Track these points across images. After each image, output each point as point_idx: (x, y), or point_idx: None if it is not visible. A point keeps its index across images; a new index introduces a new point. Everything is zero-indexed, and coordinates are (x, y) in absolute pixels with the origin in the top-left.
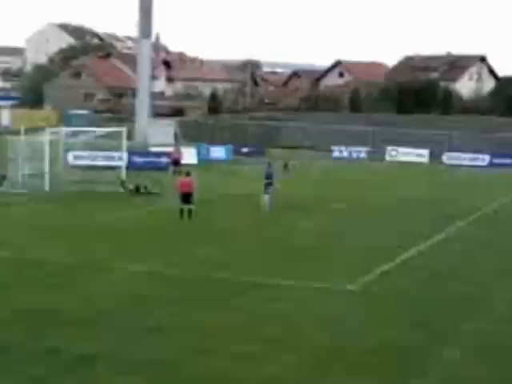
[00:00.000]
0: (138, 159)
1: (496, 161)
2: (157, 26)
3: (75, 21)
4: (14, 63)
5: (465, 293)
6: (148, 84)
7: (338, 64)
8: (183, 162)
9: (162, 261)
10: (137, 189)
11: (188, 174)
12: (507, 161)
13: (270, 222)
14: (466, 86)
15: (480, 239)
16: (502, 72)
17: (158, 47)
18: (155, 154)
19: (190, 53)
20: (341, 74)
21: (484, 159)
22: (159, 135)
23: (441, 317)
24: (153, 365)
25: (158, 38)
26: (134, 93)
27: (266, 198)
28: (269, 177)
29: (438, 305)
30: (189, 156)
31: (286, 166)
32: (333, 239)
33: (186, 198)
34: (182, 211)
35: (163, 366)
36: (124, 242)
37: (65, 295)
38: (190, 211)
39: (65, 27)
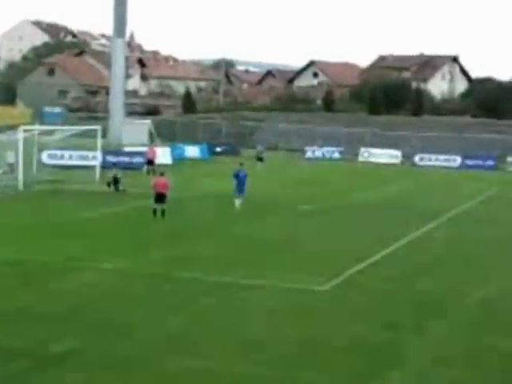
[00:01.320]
0: (111, 158)
1: (467, 162)
2: (131, 25)
3: (49, 18)
4: None
5: (434, 293)
6: (122, 82)
7: (311, 64)
8: (157, 161)
9: (133, 260)
10: (115, 180)
11: (162, 174)
12: (479, 162)
13: (239, 222)
14: (438, 86)
15: (449, 240)
16: (474, 73)
17: (132, 45)
18: (129, 153)
19: (165, 51)
20: (315, 74)
21: (456, 160)
22: (133, 134)
23: (411, 316)
24: (124, 362)
25: (132, 37)
26: (107, 91)
27: (237, 198)
28: (240, 177)
29: (408, 304)
30: (163, 155)
31: (259, 158)
32: (303, 240)
33: (160, 197)
34: (155, 211)
35: (134, 364)
36: (95, 240)
37: (36, 294)
38: (163, 211)
39: (38, 24)
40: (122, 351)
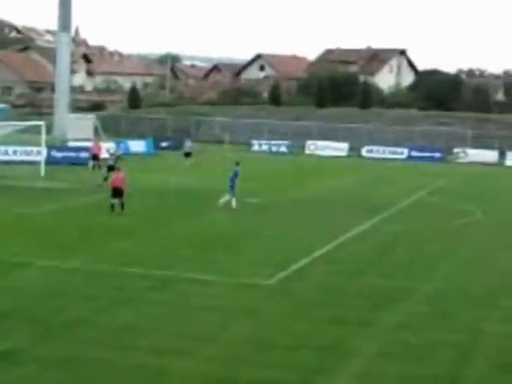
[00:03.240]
0: (57, 154)
1: (414, 154)
2: (76, 20)
3: None
4: None
5: (382, 286)
6: (67, 78)
7: (258, 57)
8: (103, 156)
9: (78, 256)
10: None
11: (119, 170)
12: (425, 154)
13: (185, 216)
14: (385, 80)
15: (396, 233)
16: (421, 65)
17: (77, 41)
18: (74, 148)
19: (110, 46)
20: (261, 68)
21: (403, 152)
22: (79, 130)
23: (358, 311)
24: (69, 361)
25: (77, 32)
26: (53, 87)
27: (229, 196)
28: (236, 175)
29: (355, 298)
30: (108, 150)
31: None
32: (249, 234)
33: (117, 192)
34: (112, 206)
35: (80, 362)
36: (39, 237)
37: None
38: (122, 204)
39: None
40: (68, 348)
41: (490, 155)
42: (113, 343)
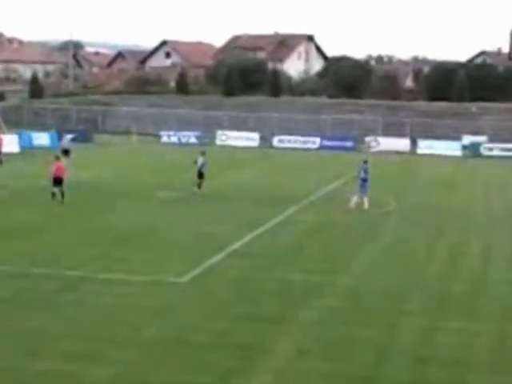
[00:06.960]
0: None
1: (327, 143)
2: None
3: None
4: None
5: (297, 281)
6: None
7: (164, 44)
8: (4, 149)
9: None
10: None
11: (58, 159)
12: (337, 143)
13: (93, 212)
14: (294, 67)
15: (311, 225)
16: (330, 52)
17: None
18: None
19: (8, 33)
20: (167, 55)
21: (314, 142)
22: None
23: (274, 307)
24: None
25: None
26: None
27: (358, 196)
28: (365, 174)
29: (271, 295)
30: (10, 143)
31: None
32: (161, 230)
33: (58, 181)
34: (53, 194)
35: None
36: None
37: None
38: (62, 193)
39: None
40: None
41: (402, 143)
42: (15, 350)
